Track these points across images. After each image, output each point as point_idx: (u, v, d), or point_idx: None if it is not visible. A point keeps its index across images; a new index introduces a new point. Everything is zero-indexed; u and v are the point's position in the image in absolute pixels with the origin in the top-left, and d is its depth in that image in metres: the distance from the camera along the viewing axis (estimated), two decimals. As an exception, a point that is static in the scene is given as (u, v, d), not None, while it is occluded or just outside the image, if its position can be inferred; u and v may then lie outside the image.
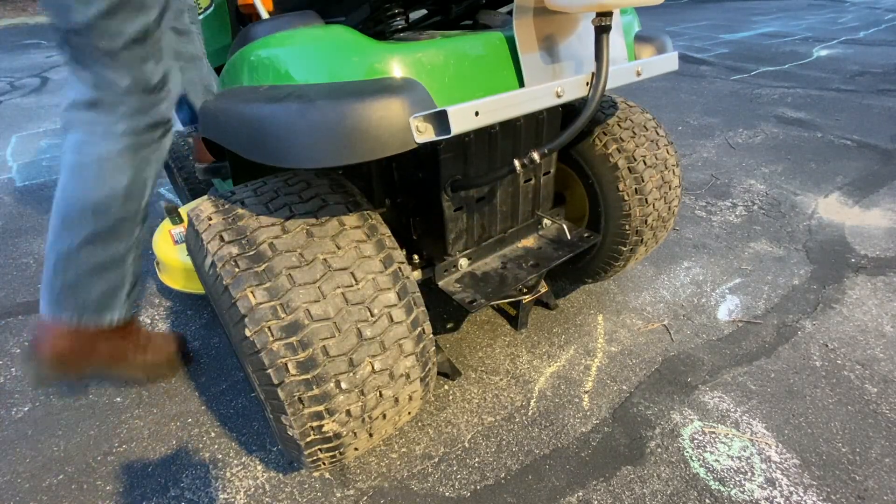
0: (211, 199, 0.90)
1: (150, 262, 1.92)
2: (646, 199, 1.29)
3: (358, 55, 0.71)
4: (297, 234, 0.80)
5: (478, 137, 1.03)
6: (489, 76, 0.79)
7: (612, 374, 1.37)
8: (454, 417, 1.25)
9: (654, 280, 1.74)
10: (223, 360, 1.45)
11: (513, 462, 1.14)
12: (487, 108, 0.68)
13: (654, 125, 1.37)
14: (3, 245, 2.09)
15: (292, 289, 0.76)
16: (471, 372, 1.38)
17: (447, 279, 1.17)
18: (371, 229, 0.86)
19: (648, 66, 0.92)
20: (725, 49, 5.52)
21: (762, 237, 1.99)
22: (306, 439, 0.81)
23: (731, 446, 1.16)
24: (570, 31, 0.86)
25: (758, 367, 1.37)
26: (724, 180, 2.48)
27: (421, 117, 0.65)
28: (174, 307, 1.67)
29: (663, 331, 1.51)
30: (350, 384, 0.79)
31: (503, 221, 1.21)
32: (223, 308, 0.80)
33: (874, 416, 1.23)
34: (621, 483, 1.09)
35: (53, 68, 5.70)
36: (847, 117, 3.28)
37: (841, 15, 7.72)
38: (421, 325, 0.87)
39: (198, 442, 1.21)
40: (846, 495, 1.06)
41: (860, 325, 1.51)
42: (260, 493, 1.09)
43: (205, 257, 0.82)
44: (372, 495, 1.08)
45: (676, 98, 3.84)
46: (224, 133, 0.81)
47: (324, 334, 0.76)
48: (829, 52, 5.18)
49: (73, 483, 1.12)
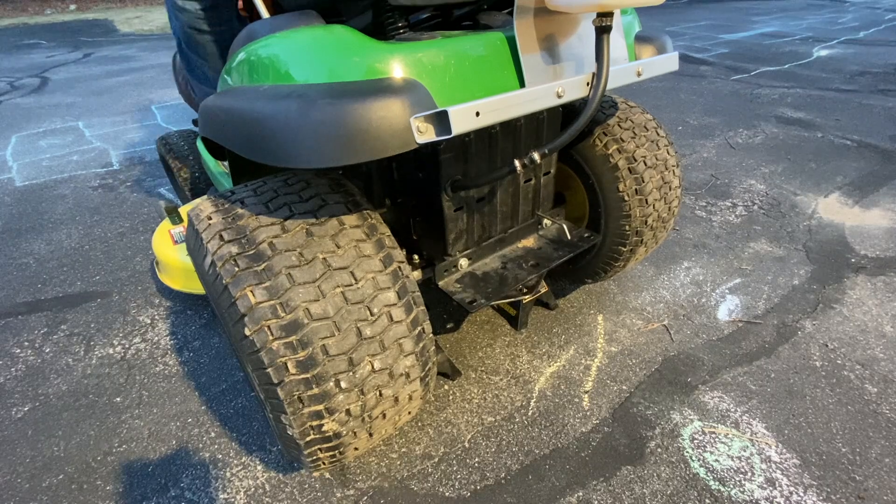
0: (211, 199, 0.90)
1: (150, 262, 1.92)
2: (646, 200, 1.29)
3: (359, 55, 0.71)
4: (297, 234, 0.80)
5: (478, 137, 1.03)
6: (490, 76, 0.79)
7: (612, 374, 1.37)
8: (454, 417, 1.25)
9: (654, 280, 1.74)
10: (223, 360, 1.45)
11: (513, 462, 1.14)
12: (488, 109, 0.68)
13: (654, 125, 1.37)
14: (3, 245, 2.09)
15: (292, 288, 0.76)
16: (471, 372, 1.38)
17: (447, 279, 1.17)
18: (370, 228, 0.86)
19: (649, 67, 0.92)
20: (725, 49, 5.52)
21: (762, 237, 1.99)
22: (306, 439, 0.81)
23: (731, 446, 1.16)
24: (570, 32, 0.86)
25: (758, 367, 1.37)
26: (724, 180, 2.48)
27: (422, 117, 0.65)
28: (174, 307, 1.67)
29: (663, 331, 1.51)
30: (350, 383, 0.79)
31: (503, 221, 1.21)
32: (223, 307, 0.80)
33: (874, 416, 1.23)
34: (621, 483, 1.09)
35: (53, 68, 5.69)
36: (847, 117, 3.28)
37: (841, 15, 7.72)
38: (421, 324, 0.87)
39: (198, 442, 1.21)
40: (846, 495, 1.06)
41: (860, 325, 1.51)
42: (260, 493, 1.09)
43: (204, 256, 0.82)
44: (372, 495, 1.08)
45: (676, 98, 3.84)
46: (224, 133, 0.81)
47: (323, 333, 0.76)
48: (829, 52, 5.18)
49: (73, 483, 1.12)
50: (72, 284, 1.81)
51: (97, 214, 2.33)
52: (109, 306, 1.69)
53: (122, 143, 3.26)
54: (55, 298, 1.74)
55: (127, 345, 1.52)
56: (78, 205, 2.43)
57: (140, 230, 2.17)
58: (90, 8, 11.17)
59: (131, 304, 1.70)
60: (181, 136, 2.09)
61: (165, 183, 2.62)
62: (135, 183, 2.65)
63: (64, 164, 2.93)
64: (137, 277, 1.84)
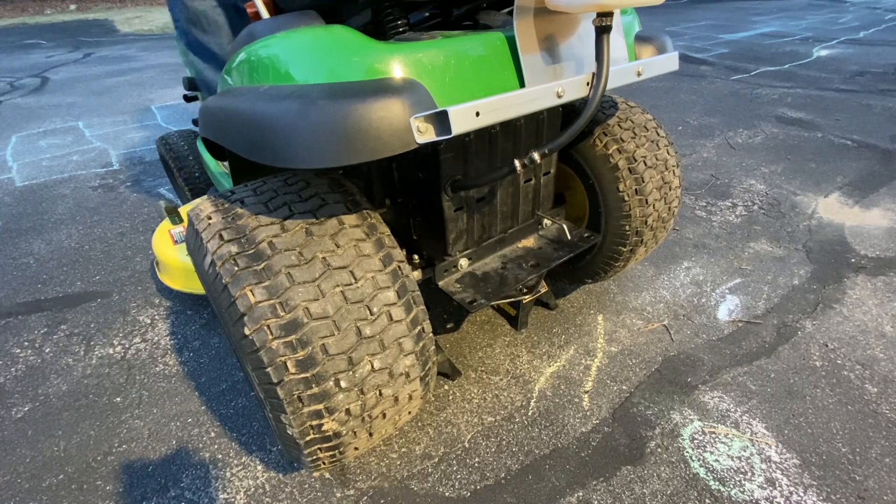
0: (210, 199, 0.90)
1: (150, 262, 1.92)
2: (646, 200, 1.29)
3: (359, 55, 0.71)
4: (297, 233, 0.80)
5: (478, 137, 1.03)
6: (490, 76, 0.79)
7: (612, 374, 1.37)
8: (454, 417, 1.25)
9: (654, 280, 1.74)
10: (223, 360, 1.45)
11: (513, 462, 1.14)
12: (488, 109, 0.68)
13: (654, 126, 1.36)
14: (3, 245, 2.09)
15: (291, 287, 0.76)
16: (471, 372, 1.38)
17: (447, 279, 1.17)
18: (370, 228, 0.86)
19: (649, 67, 0.92)
20: (725, 49, 5.51)
21: (762, 237, 1.99)
22: (306, 438, 0.81)
23: (731, 446, 1.16)
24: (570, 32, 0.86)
25: (758, 367, 1.37)
26: (724, 180, 2.48)
27: (422, 117, 0.65)
28: (174, 307, 1.67)
29: (663, 331, 1.51)
30: (349, 383, 0.79)
31: (503, 221, 1.21)
32: (222, 307, 0.80)
33: (874, 416, 1.23)
34: (621, 483, 1.09)
35: (53, 68, 5.70)
36: (847, 117, 3.28)
37: (841, 15, 7.72)
38: (420, 323, 0.87)
39: (198, 442, 1.21)
40: (846, 495, 1.06)
41: (860, 325, 1.51)
42: (260, 493, 1.09)
43: (204, 256, 0.82)
44: (372, 495, 1.08)
45: (676, 98, 3.84)
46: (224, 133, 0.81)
47: (323, 332, 0.76)
48: (829, 52, 5.18)
49: (73, 483, 1.12)
50: (72, 284, 1.81)
51: (97, 214, 2.33)
52: (109, 306, 1.69)
53: (122, 143, 3.26)
54: (55, 298, 1.74)
55: (127, 345, 1.52)
56: (78, 205, 2.43)
57: (140, 230, 2.17)
58: (90, 8, 11.18)
59: (131, 304, 1.70)
60: (181, 136, 2.09)
61: (165, 183, 2.62)
62: (135, 183, 2.65)
63: (64, 164, 2.93)
64: (137, 277, 1.84)
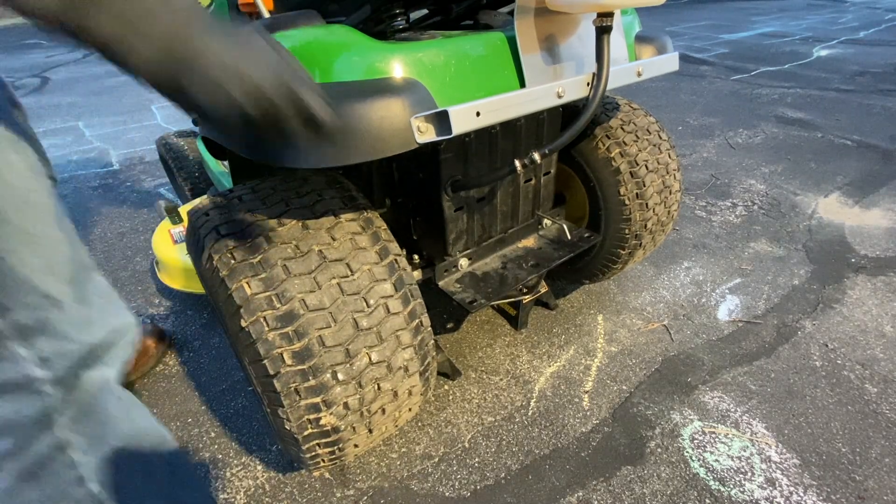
0: (210, 198, 0.91)
1: (150, 262, 1.92)
2: (646, 204, 1.29)
3: (359, 55, 0.71)
4: (293, 227, 0.81)
5: (478, 137, 1.03)
6: (490, 76, 0.79)
7: (612, 374, 1.37)
8: (454, 417, 1.25)
9: (654, 280, 1.74)
10: (223, 360, 1.45)
11: (513, 462, 1.14)
12: (488, 109, 0.68)
13: (657, 129, 1.36)
14: (3, 244, 2.09)
15: (287, 279, 0.76)
16: (471, 372, 1.38)
17: (447, 279, 1.17)
18: (366, 222, 0.87)
19: (649, 67, 0.92)
20: (725, 49, 5.52)
21: (762, 237, 1.99)
22: (304, 433, 0.81)
23: (731, 446, 1.16)
24: (571, 32, 0.86)
25: (758, 367, 1.37)
26: (724, 180, 2.48)
27: (422, 117, 0.65)
28: (174, 307, 1.67)
29: (663, 331, 1.51)
30: (347, 375, 0.79)
31: (503, 221, 1.21)
32: (220, 300, 0.80)
33: (874, 416, 1.23)
34: (621, 483, 1.09)
35: (53, 68, 5.70)
36: (847, 117, 3.28)
37: (841, 15, 7.72)
38: (418, 316, 0.87)
39: (198, 442, 1.21)
40: (846, 495, 1.06)
41: (860, 325, 1.51)
42: (260, 493, 1.09)
43: (202, 251, 0.83)
44: (372, 495, 1.08)
45: (676, 98, 3.84)
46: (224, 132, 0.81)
47: (319, 324, 0.76)
48: (829, 52, 5.18)
49: (73, 483, 1.12)
50: (72, 284, 1.81)
51: (97, 214, 2.33)
52: (109, 306, 1.69)
53: (122, 143, 3.26)
54: (55, 298, 1.74)
55: (127, 345, 1.52)
56: (78, 205, 2.43)
57: (140, 230, 2.17)
58: (90, 8, 11.16)
59: (131, 304, 1.69)
60: (181, 136, 2.09)
61: (165, 183, 2.62)
62: (135, 183, 2.65)
63: (64, 164, 2.93)
64: (137, 277, 1.84)
